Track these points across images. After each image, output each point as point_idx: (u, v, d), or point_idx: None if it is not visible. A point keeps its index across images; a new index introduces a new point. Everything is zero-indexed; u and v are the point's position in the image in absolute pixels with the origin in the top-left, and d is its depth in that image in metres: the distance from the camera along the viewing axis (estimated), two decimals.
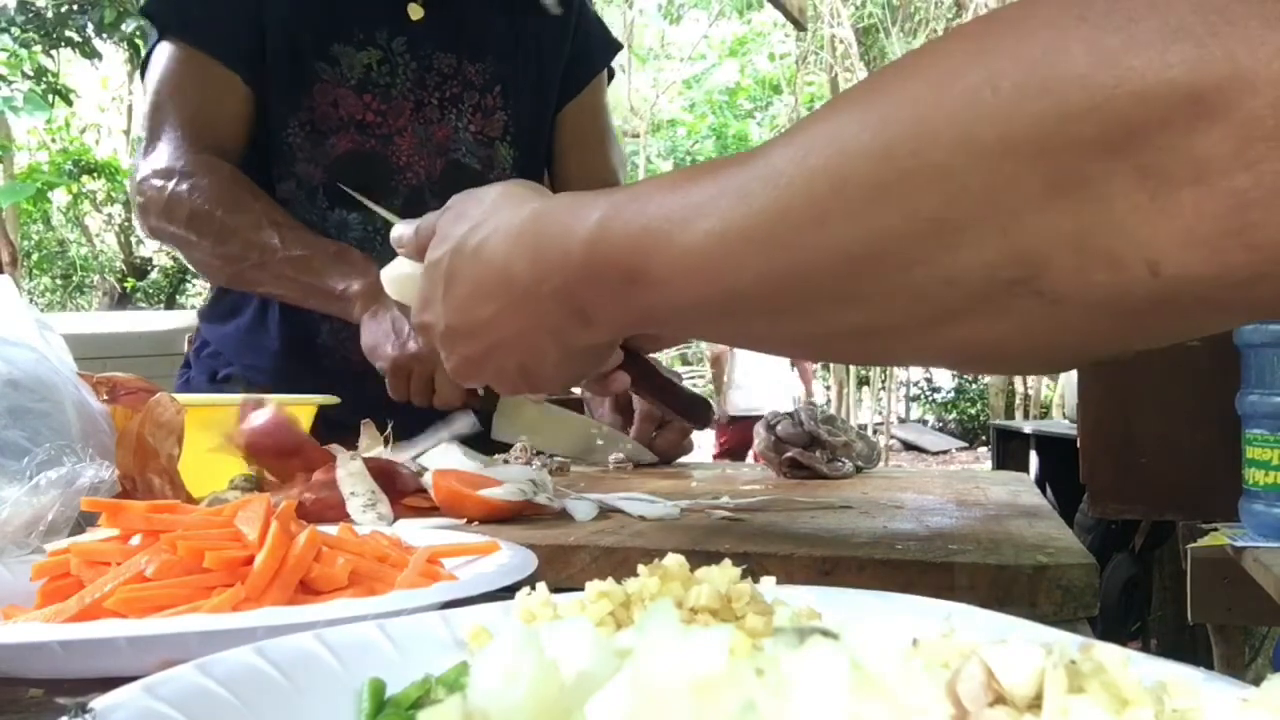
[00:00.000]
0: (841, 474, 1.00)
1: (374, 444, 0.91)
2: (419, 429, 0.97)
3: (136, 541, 0.48)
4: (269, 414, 0.74)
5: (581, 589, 0.33)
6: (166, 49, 1.23)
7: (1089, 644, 0.23)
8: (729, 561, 0.33)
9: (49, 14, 7.65)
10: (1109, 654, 0.23)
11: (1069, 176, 0.32)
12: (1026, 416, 9.63)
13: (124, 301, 12.22)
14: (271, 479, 0.75)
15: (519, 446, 1.07)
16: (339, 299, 1.14)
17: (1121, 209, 0.31)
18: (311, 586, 0.47)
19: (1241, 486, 1.10)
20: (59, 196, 11.50)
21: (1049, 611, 0.52)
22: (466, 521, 0.70)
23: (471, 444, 0.90)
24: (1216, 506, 1.24)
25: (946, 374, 12.72)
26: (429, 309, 0.61)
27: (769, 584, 0.34)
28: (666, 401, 0.82)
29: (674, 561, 0.33)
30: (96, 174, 10.98)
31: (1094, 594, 0.52)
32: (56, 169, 10.31)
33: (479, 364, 0.60)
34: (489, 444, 1.08)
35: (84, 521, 0.55)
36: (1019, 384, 10.81)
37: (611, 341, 0.60)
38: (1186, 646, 2.06)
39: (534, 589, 0.34)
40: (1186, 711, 0.23)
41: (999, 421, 6.51)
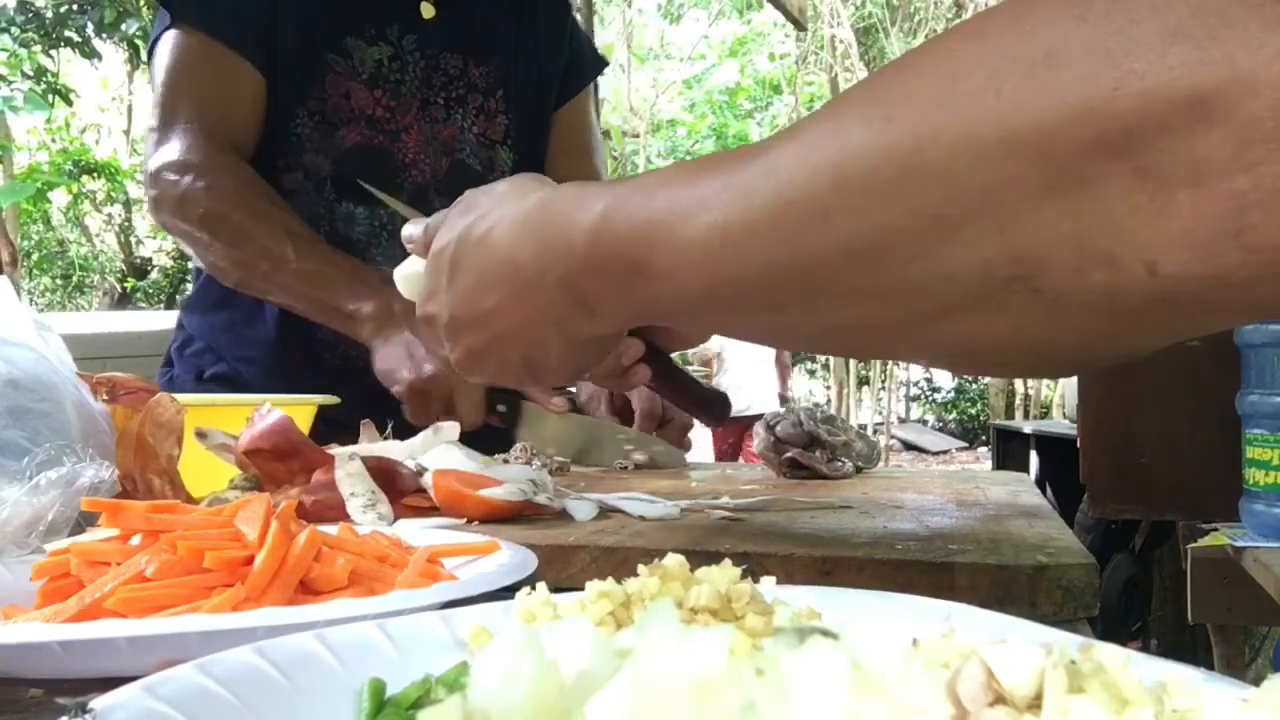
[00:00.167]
0: (841, 474, 0.99)
1: (374, 443, 0.91)
2: (420, 426, 0.97)
3: (136, 541, 0.48)
4: (267, 419, 0.74)
5: (581, 589, 0.33)
6: (177, 35, 1.21)
7: (1089, 644, 0.23)
8: (729, 561, 0.33)
9: (49, 14, 7.65)
10: (1109, 654, 0.23)
11: (1068, 177, 0.32)
12: (1026, 416, 9.63)
13: (124, 301, 12.23)
14: (271, 482, 0.75)
15: (519, 446, 1.07)
16: (349, 318, 1.13)
17: (1120, 210, 0.31)
18: (311, 586, 0.47)
19: (1241, 486, 1.10)
20: (59, 196, 11.50)
21: (1049, 611, 0.52)
22: (466, 521, 0.70)
23: (470, 443, 0.90)
24: (1216, 506, 1.24)
25: (946, 374, 12.72)
26: (433, 299, 0.61)
27: (769, 584, 0.34)
28: (686, 397, 0.82)
29: (674, 561, 0.33)
30: (96, 174, 10.98)
31: (1094, 594, 0.52)
32: (56, 169, 10.31)
33: (482, 355, 0.60)
34: (488, 443, 1.08)
35: (84, 521, 0.55)
36: (1019, 384, 10.81)
37: (615, 333, 0.60)
38: (1186, 646, 2.06)
39: (534, 589, 0.34)
40: (1186, 711, 0.23)
41: (999, 421, 6.52)
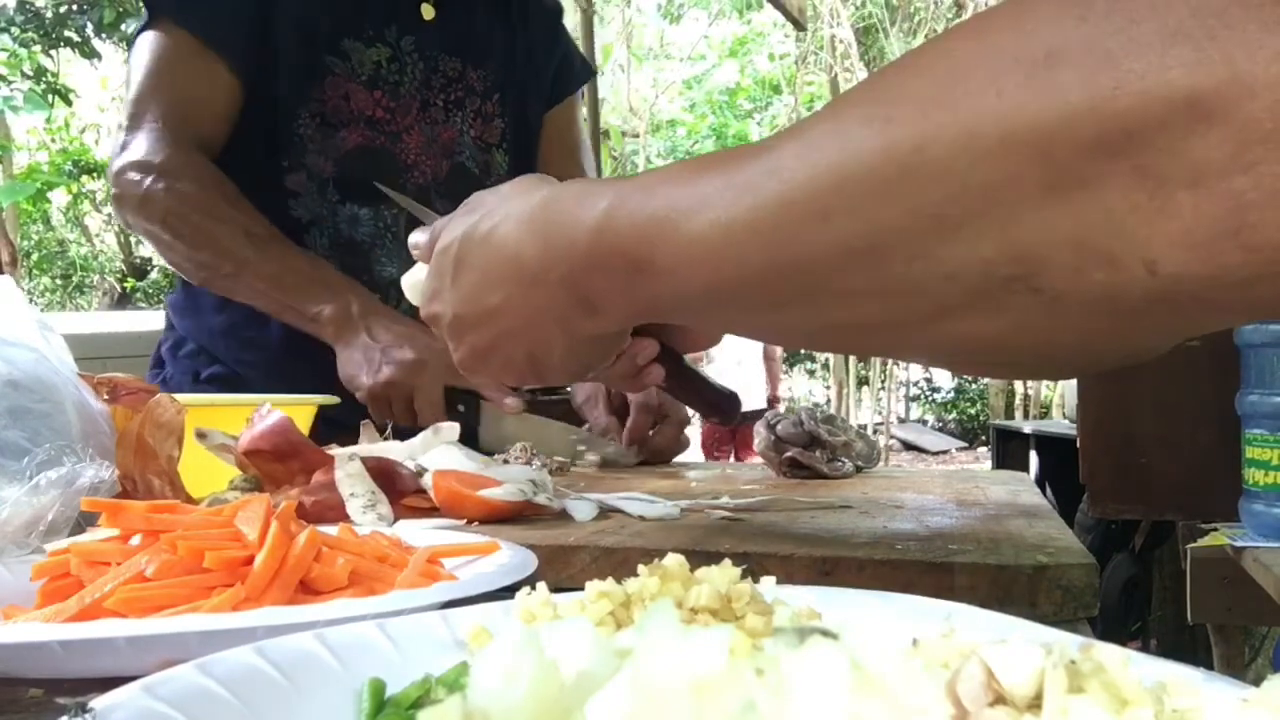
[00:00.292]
0: (841, 474, 0.99)
1: (373, 443, 0.91)
2: (421, 427, 0.97)
3: (136, 541, 0.48)
4: (267, 420, 0.74)
5: (581, 589, 0.33)
6: (154, 34, 1.20)
7: (1089, 644, 0.23)
8: (729, 561, 0.33)
9: (49, 14, 7.65)
10: (1109, 654, 0.23)
11: (1068, 176, 0.32)
12: (1026, 416, 9.63)
13: (124, 301, 12.24)
14: (271, 483, 0.75)
15: (519, 446, 1.07)
16: (311, 321, 1.14)
17: (1120, 209, 0.31)
18: (311, 586, 0.47)
19: (1241, 486, 1.10)
20: (59, 196, 11.50)
21: (1049, 611, 0.52)
22: (466, 522, 0.70)
23: (467, 443, 0.90)
24: (1216, 506, 1.24)
25: (946, 374, 12.71)
26: (438, 299, 0.61)
27: (769, 584, 0.34)
28: (698, 397, 0.82)
29: (674, 561, 0.33)
30: (96, 174, 10.97)
31: (1094, 594, 0.52)
32: (56, 169, 10.31)
33: (486, 354, 0.60)
34: (478, 439, 1.08)
35: (84, 521, 0.55)
36: (1019, 384, 10.80)
37: (619, 332, 0.60)
38: (1186, 646, 2.06)
39: (534, 589, 0.34)
40: (1186, 711, 0.23)
41: (999, 421, 6.51)
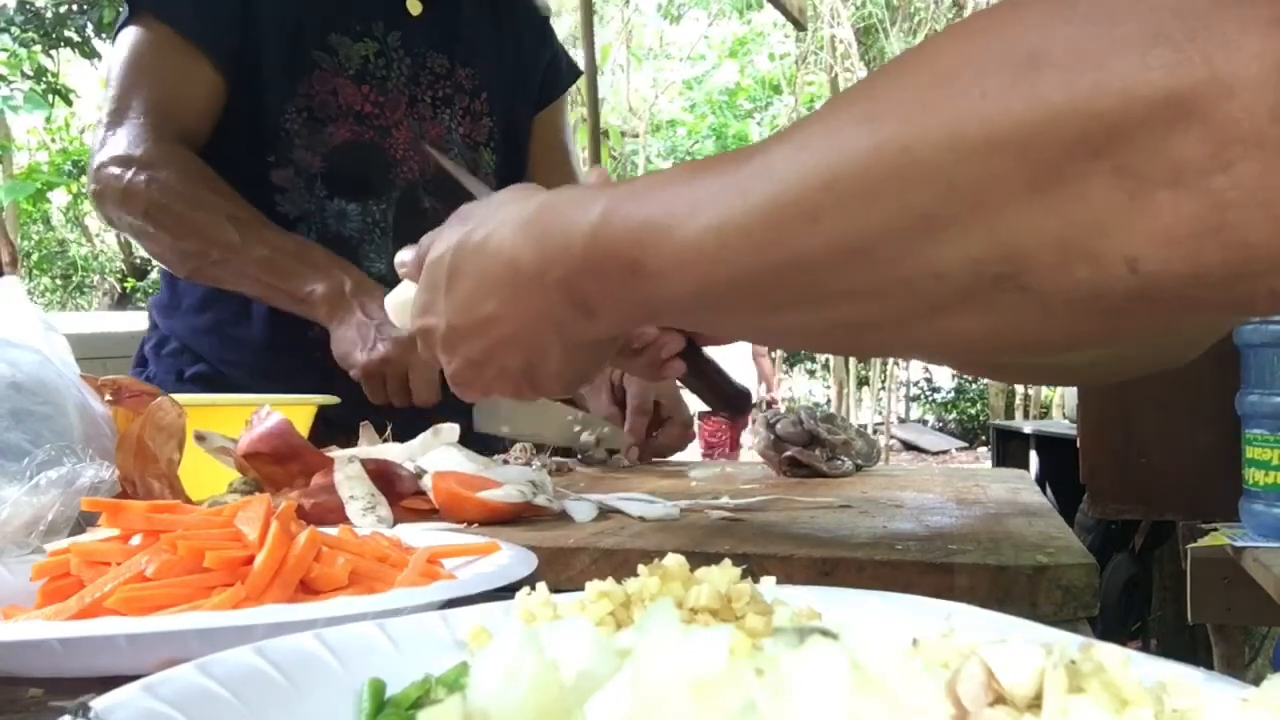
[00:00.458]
0: (841, 472, 0.99)
1: (373, 445, 0.91)
2: (420, 427, 0.97)
3: (137, 541, 0.48)
4: (266, 422, 0.74)
5: (581, 590, 0.33)
6: (136, 29, 1.20)
7: (1089, 644, 0.23)
8: (729, 561, 0.33)
9: (49, 14, 7.65)
10: (1109, 654, 0.23)
11: (1051, 175, 0.32)
12: (1026, 416, 9.62)
13: (124, 301, 12.23)
14: (271, 485, 0.75)
15: (519, 447, 1.07)
16: (303, 301, 1.13)
17: (1101, 208, 0.32)
18: (311, 586, 0.47)
19: (1241, 486, 1.10)
20: (59, 196, 11.49)
21: (1049, 611, 0.52)
22: (466, 524, 0.70)
23: (467, 444, 0.90)
24: (1216, 506, 1.24)
25: (947, 374, 12.72)
26: (430, 311, 0.60)
27: (769, 584, 0.34)
28: (713, 391, 0.83)
29: (674, 561, 0.33)
30: None
31: (1094, 594, 0.52)
32: (56, 169, 10.30)
33: (481, 365, 0.59)
34: (478, 439, 1.08)
35: (84, 521, 0.55)
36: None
37: (614, 337, 0.60)
38: (1186, 646, 2.06)
39: (534, 589, 0.34)
40: (1186, 711, 0.23)
41: (999, 421, 6.52)
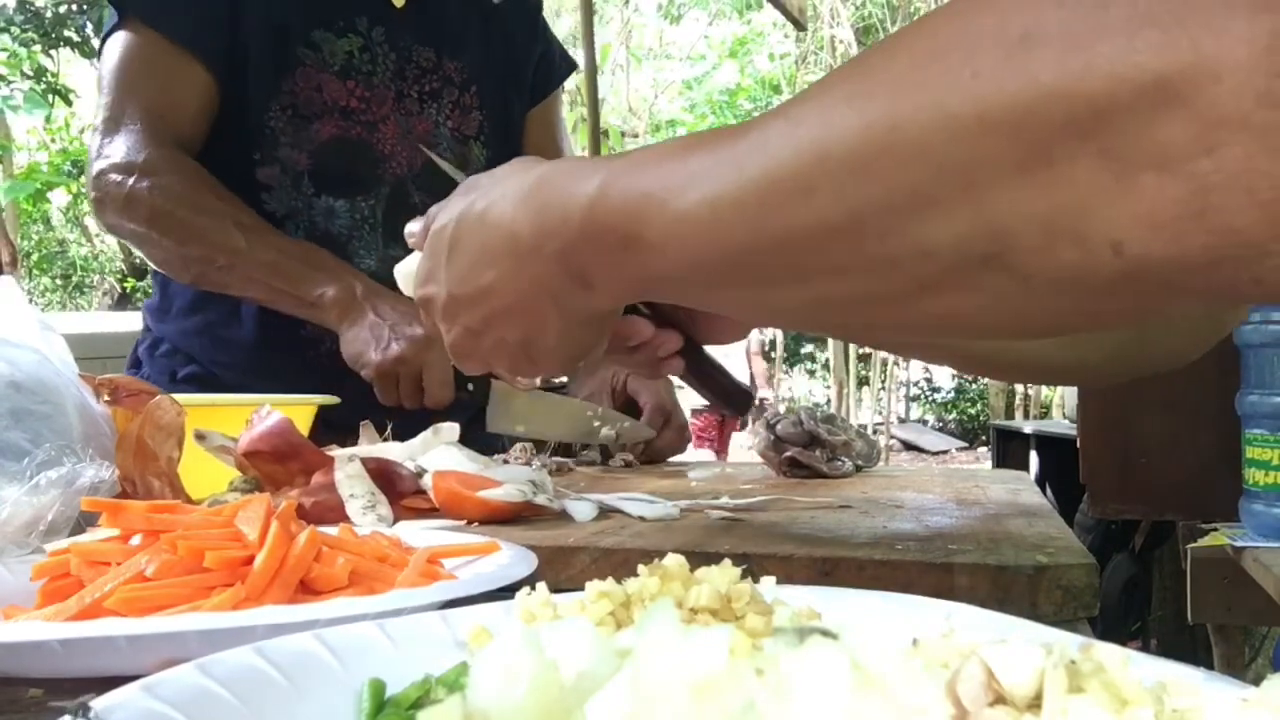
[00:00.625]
0: (841, 473, 0.99)
1: (373, 444, 0.90)
2: (420, 426, 0.97)
3: (137, 541, 0.48)
4: (266, 421, 0.74)
5: (581, 590, 0.33)
6: (125, 34, 1.19)
7: (1089, 644, 0.23)
8: (729, 561, 0.33)
9: (48, 14, 7.65)
10: (1109, 654, 0.23)
11: (1038, 156, 0.33)
12: (1026, 416, 9.62)
13: (124, 301, 12.22)
14: (271, 484, 0.75)
15: (519, 446, 1.07)
16: (311, 305, 1.13)
17: (1087, 190, 0.32)
18: (311, 586, 0.47)
19: (1241, 486, 1.10)
20: (59, 196, 11.48)
21: (1049, 611, 0.52)
22: (466, 523, 0.70)
23: (466, 440, 0.90)
24: (1216, 506, 1.24)
25: (947, 374, 12.71)
26: (432, 280, 0.61)
27: (769, 584, 0.34)
28: (713, 389, 0.83)
29: (674, 561, 0.33)
30: None
31: (1094, 594, 0.52)
32: (56, 169, 10.29)
33: (479, 334, 0.60)
34: (484, 439, 1.08)
35: (84, 521, 0.55)
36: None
37: (611, 310, 0.60)
38: (1186, 646, 2.06)
39: (534, 589, 0.34)
40: (1186, 711, 0.23)
41: (999, 421, 6.52)
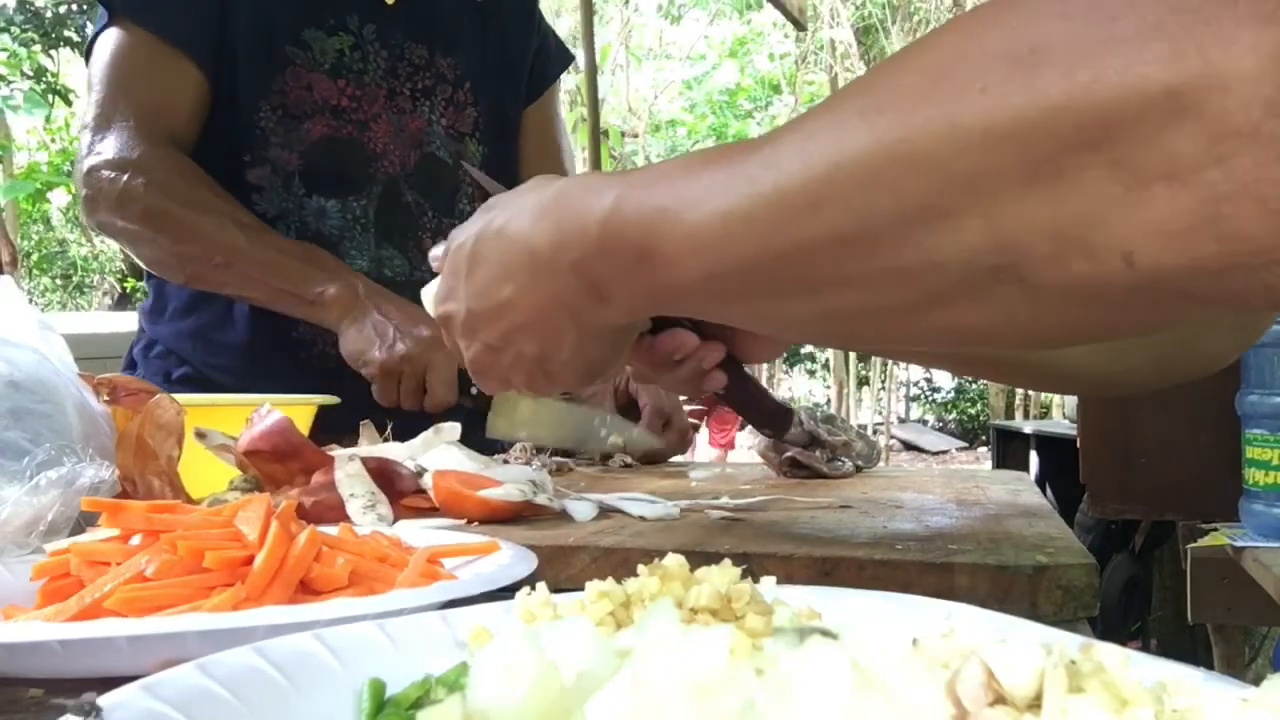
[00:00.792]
0: (841, 473, 0.99)
1: (374, 444, 0.90)
2: (421, 426, 0.96)
3: (136, 541, 0.48)
4: (267, 420, 0.74)
5: (581, 589, 0.33)
6: (115, 33, 1.18)
7: (1089, 644, 0.23)
8: (729, 561, 0.33)
9: (48, 14, 7.65)
10: (1109, 654, 0.23)
11: (1049, 168, 0.33)
12: (1026, 416, 9.62)
13: (124, 301, 12.22)
14: (271, 483, 0.75)
15: (519, 446, 1.06)
16: (312, 304, 1.12)
17: (1097, 201, 0.32)
18: (311, 586, 0.47)
19: (1241, 486, 1.10)
20: (59, 196, 11.47)
21: (1049, 611, 0.52)
22: (466, 522, 0.70)
23: (468, 443, 0.89)
24: (1216, 506, 1.24)
25: (947, 374, 12.70)
26: (452, 297, 0.61)
27: (769, 584, 0.34)
28: (754, 408, 0.82)
29: (674, 561, 0.33)
30: None
31: (1094, 594, 0.52)
32: (56, 169, 10.29)
33: (498, 350, 0.60)
34: (485, 443, 1.07)
35: (84, 521, 0.55)
36: None
37: (628, 324, 0.60)
38: (1186, 646, 2.06)
39: (534, 589, 0.34)
40: (1186, 711, 0.23)
41: (999, 421, 6.52)
